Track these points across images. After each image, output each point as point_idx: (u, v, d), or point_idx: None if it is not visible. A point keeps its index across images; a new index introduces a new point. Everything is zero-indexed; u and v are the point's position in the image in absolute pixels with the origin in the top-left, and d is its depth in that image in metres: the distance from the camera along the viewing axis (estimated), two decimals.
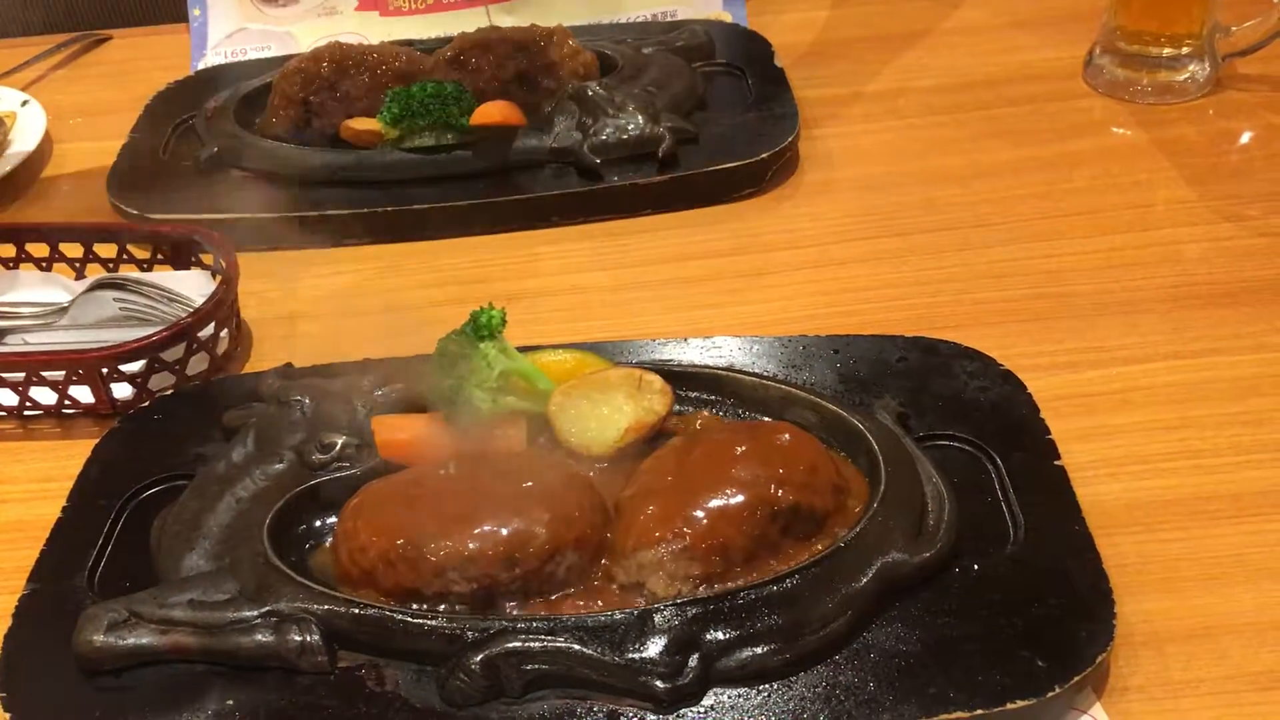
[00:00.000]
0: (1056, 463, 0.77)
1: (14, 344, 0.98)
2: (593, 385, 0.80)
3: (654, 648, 0.66)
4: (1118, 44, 1.21)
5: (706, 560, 0.70)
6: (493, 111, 1.11)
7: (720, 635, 0.67)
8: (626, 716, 0.66)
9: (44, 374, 0.90)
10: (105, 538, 0.78)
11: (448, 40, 1.21)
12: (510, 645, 0.67)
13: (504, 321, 0.80)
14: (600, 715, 0.66)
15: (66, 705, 0.68)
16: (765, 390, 0.83)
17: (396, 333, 0.98)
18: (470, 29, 1.21)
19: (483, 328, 0.79)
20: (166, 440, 0.85)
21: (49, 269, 1.04)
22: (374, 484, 0.76)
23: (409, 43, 1.27)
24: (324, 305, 1.04)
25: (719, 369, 0.85)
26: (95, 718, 0.67)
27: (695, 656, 0.66)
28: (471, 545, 0.70)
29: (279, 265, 1.07)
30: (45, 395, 0.91)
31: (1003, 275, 1.00)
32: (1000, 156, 1.14)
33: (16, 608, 0.74)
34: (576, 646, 0.67)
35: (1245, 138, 1.15)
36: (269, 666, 0.69)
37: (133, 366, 0.90)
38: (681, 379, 0.83)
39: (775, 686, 0.66)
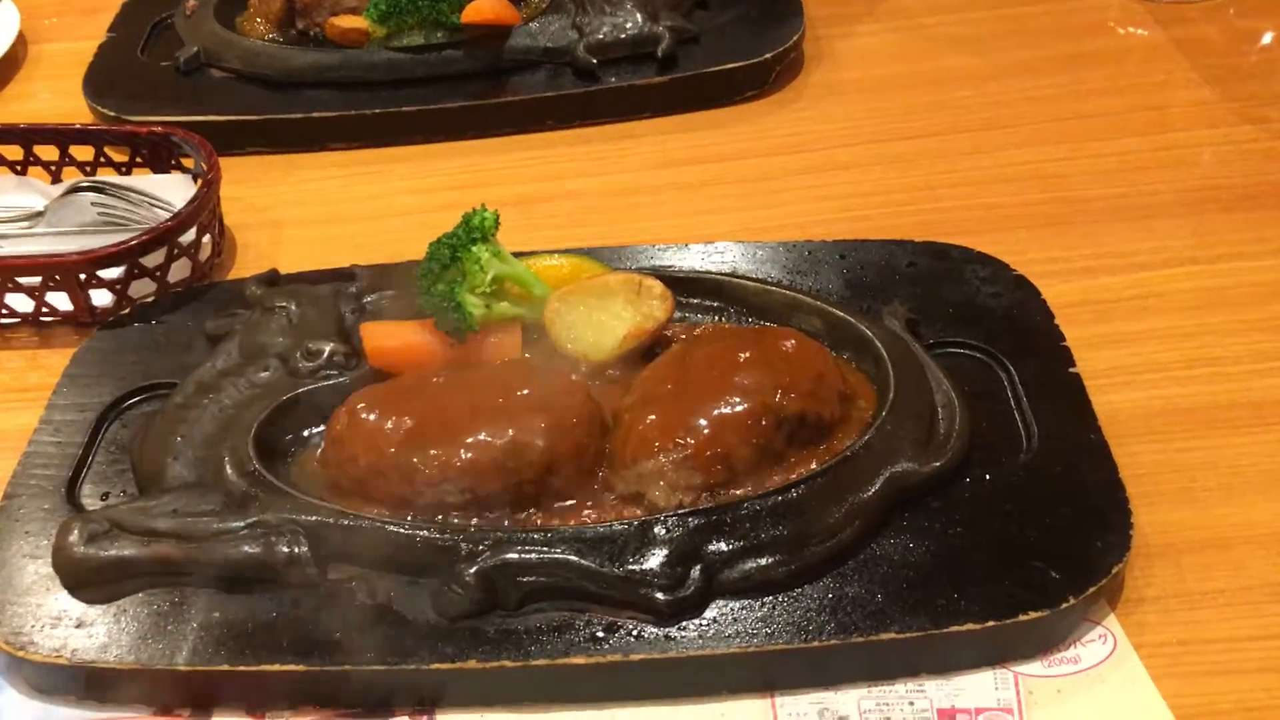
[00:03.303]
0: (1071, 370, 0.75)
1: None
2: (591, 291, 0.77)
3: (654, 559, 0.64)
4: None
5: (708, 470, 0.68)
6: (484, 8, 1.07)
7: (723, 546, 0.65)
8: (626, 629, 0.64)
9: (20, 280, 0.87)
10: (85, 448, 0.76)
11: None
12: (506, 557, 0.65)
13: (497, 223, 0.76)
14: (599, 628, 0.64)
15: (47, 619, 0.66)
16: (770, 296, 0.80)
17: (385, 238, 0.95)
18: None
19: (475, 229, 0.76)
20: (147, 348, 0.83)
21: (24, 172, 1.01)
22: (364, 392, 0.73)
23: None
24: (310, 210, 1.01)
25: (721, 274, 0.82)
26: (76, 631, 0.66)
27: (697, 568, 0.64)
28: (465, 455, 0.68)
29: (263, 169, 1.04)
30: (22, 302, 0.88)
31: (1015, 179, 0.96)
32: (1013, 57, 1.10)
33: None
34: (574, 558, 0.65)
35: (1267, 38, 1.11)
36: (256, 579, 0.67)
37: (112, 273, 0.87)
38: (682, 285, 0.80)
39: (780, 598, 0.64)
